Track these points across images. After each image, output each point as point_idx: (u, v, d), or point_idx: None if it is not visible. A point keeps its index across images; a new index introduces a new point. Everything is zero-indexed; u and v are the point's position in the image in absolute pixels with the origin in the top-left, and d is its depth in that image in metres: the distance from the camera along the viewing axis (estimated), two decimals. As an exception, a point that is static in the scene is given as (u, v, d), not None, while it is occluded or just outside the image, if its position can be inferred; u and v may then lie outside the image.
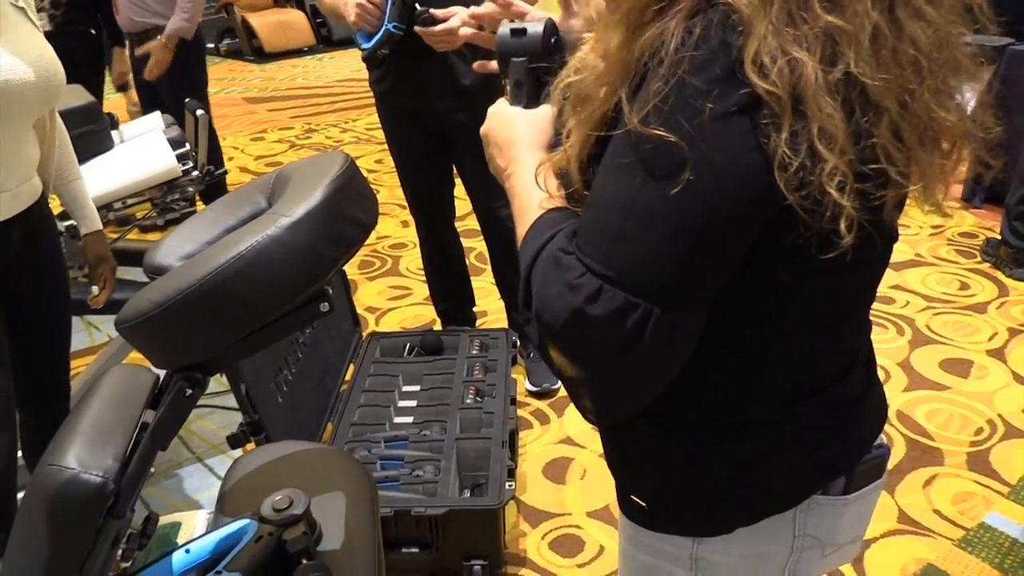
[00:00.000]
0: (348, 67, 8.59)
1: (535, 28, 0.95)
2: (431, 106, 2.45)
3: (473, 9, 1.24)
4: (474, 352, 2.59)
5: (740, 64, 0.65)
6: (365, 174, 4.68)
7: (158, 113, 2.53)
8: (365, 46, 2.35)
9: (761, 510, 0.87)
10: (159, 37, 3.53)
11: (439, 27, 2.12)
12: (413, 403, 2.43)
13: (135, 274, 1.75)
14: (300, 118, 6.66)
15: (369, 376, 2.51)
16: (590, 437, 2.50)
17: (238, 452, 2.56)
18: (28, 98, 1.51)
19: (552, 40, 0.98)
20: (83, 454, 0.97)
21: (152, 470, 2.49)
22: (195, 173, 2.21)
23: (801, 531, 0.89)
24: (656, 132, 0.67)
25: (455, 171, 2.67)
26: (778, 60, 0.64)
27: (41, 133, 1.66)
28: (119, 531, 1.03)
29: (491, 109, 0.97)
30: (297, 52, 9.44)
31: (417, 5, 2.17)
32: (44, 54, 1.57)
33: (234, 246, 0.86)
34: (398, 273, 3.71)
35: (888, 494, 2.19)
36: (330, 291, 0.97)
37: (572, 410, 2.65)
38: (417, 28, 2.15)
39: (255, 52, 9.39)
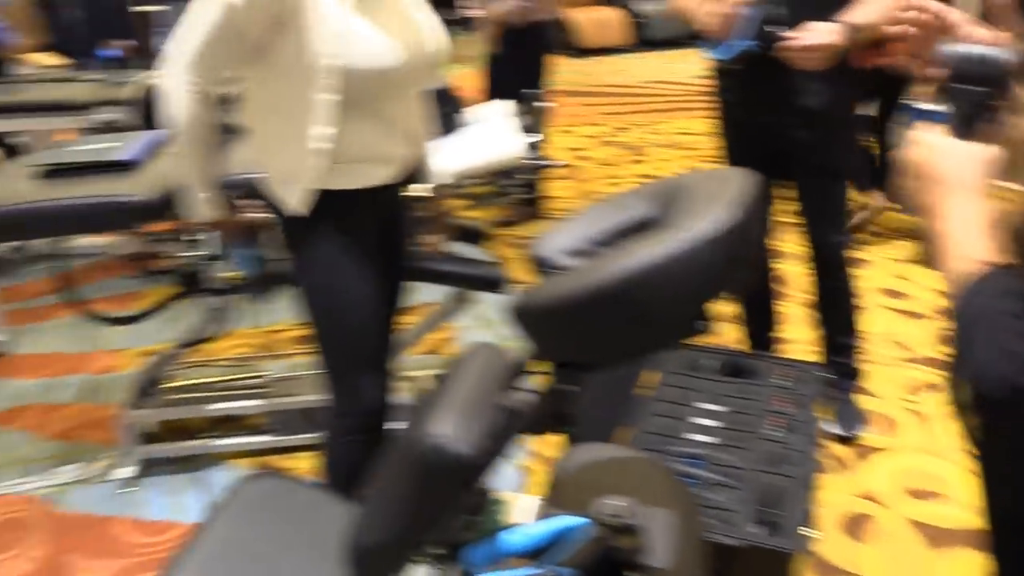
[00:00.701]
0: (662, 69, 8.58)
1: (1001, 54, 0.85)
2: (774, 123, 2.37)
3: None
4: (781, 382, 2.46)
5: None
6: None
7: (505, 102, 2.66)
8: (716, 56, 2.32)
9: None
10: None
11: (800, 43, 2.07)
12: (711, 423, 2.36)
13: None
14: (611, 115, 6.76)
15: (666, 386, 2.48)
16: (895, 497, 2.29)
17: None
18: (407, 77, 1.63)
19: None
20: (455, 425, 1.02)
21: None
22: (538, 162, 2.29)
23: None
24: None
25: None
26: None
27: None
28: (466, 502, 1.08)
29: (925, 138, 0.88)
30: (614, 49, 9.59)
31: (771, 26, 2.13)
32: (423, 26, 1.67)
33: (640, 254, 0.86)
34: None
35: None
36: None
37: (877, 462, 2.44)
38: (779, 45, 2.11)
39: (573, 47, 9.67)
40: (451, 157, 2.15)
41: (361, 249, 1.72)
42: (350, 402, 1.81)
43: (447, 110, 2.30)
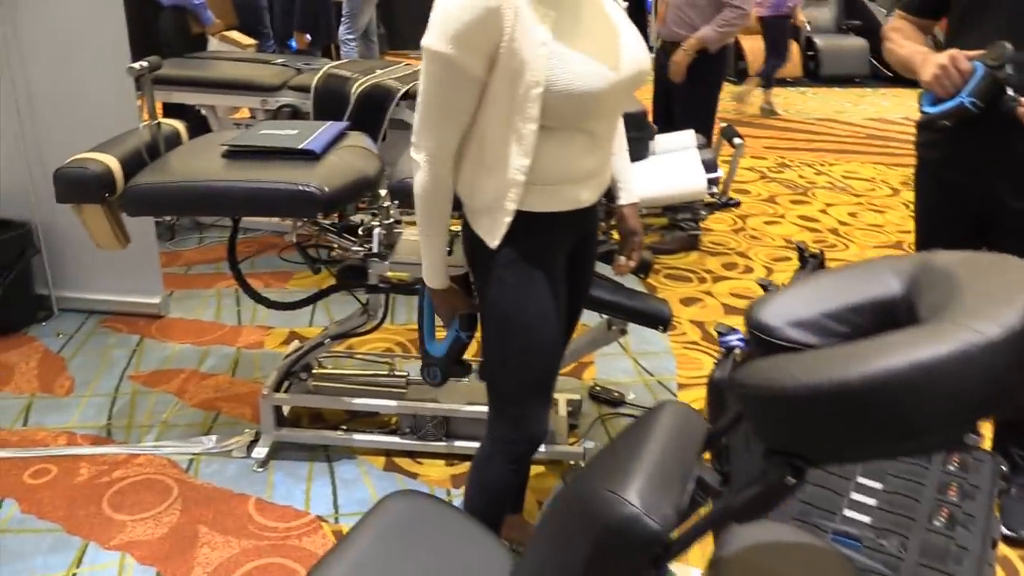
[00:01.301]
0: (830, 106, 8.21)
1: None
2: (981, 185, 2.16)
3: None
4: (950, 468, 2.24)
5: None
6: (835, 226, 4.38)
7: (691, 132, 2.54)
8: (929, 109, 2.14)
9: None
10: (683, 43, 3.62)
11: None
12: (871, 501, 2.17)
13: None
14: (774, 150, 6.50)
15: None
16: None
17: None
18: (613, 99, 1.55)
19: None
20: (646, 495, 0.92)
21: (582, 463, 2.57)
22: (720, 201, 2.17)
23: None
24: None
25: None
26: None
27: None
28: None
29: None
30: (780, 81, 9.25)
31: (1010, 90, 1.93)
32: (628, 45, 1.57)
33: (909, 351, 0.73)
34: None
35: None
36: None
37: (1056, 578, 2.19)
38: (1013, 108, 1.91)
39: (738, 74, 9.40)
40: (636, 184, 2.06)
41: (555, 272, 1.66)
42: (520, 429, 1.75)
43: (639, 135, 2.20)
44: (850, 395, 0.75)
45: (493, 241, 1.59)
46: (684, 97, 3.89)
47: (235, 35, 4.86)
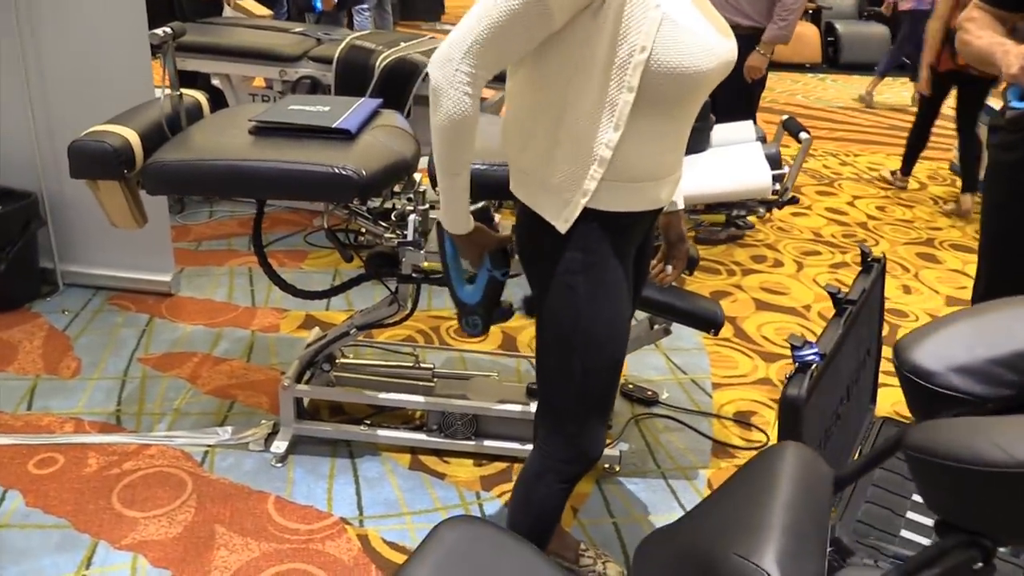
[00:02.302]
0: (850, 94, 8.04)
1: None
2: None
3: None
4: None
5: None
6: (863, 219, 4.23)
7: (751, 123, 2.39)
8: (1018, 104, 1.99)
9: None
10: (757, 48, 3.52)
11: None
12: (928, 521, 2.05)
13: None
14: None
15: (881, 469, 2.17)
16: None
17: (702, 477, 2.40)
18: (708, 84, 1.38)
19: None
20: (785, 562, 0.79)
21: (618, 468, 2.44)
22: (783, 200, 2.03)
23: None
24: None
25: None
26: None
27: None
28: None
29: None
30: (799, 66, 9.08)
31: None
32: (723, 26, 1.41)
33: None
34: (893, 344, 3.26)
35: None
36: None
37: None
38: None
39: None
40: (694, 178, 1.91)
41: (623, 278, 1.50)
42: (577, 447, 1.59)
43: (701, 125, 2.05)
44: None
45: (564, 224, 1.41)
46: (730, 86, 3.76)
47: (249, 3, 4.67)
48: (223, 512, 2.16)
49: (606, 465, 2.41)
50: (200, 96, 2.38)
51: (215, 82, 3.91)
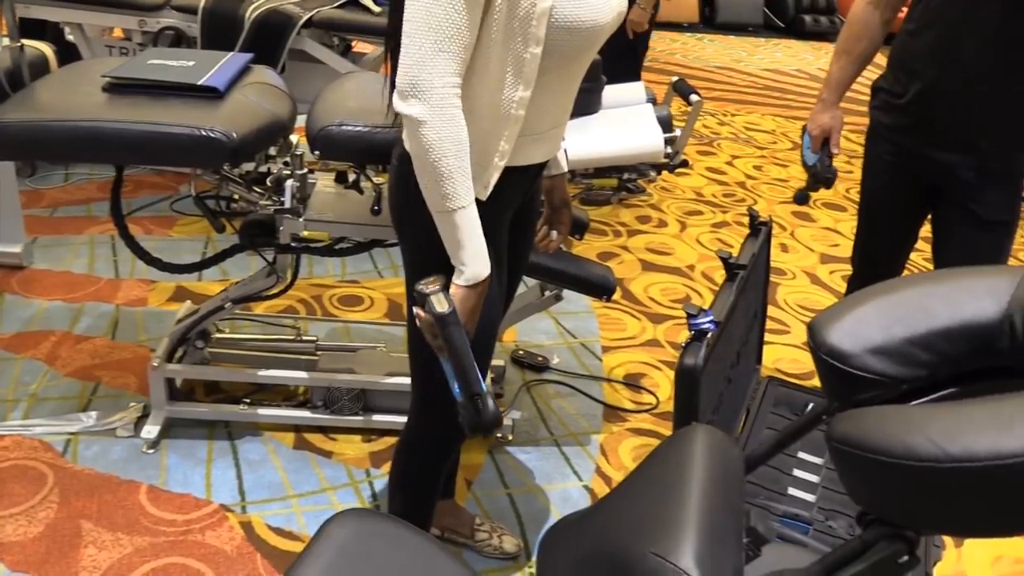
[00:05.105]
0: (728, 55, 8.20)
1: None
2: (937, 152, 2.08)
3: None
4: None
5: None
6: (742, 179, 4.34)
7: (641, 84, 2.35)
8: (809, 158, 2.06)
9: None
10: (636, 1, 3.48)
11: None
12: (814, 478, 2.11)
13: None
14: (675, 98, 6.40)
15: (765, 428, 2.21)
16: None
17: (595, 443, 2.39)
18: (606, 33, 1.33)
19: None
20: (704, 558, 0.75)
21: (510, 436, 2.40)
22: (673, 163, 2.00)
23: None
24: None
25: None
26: None
27: None
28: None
29: None
30: (677, 26, 9.19)
31: None
32: None
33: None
34: (774, 302, 3.36)
35: None
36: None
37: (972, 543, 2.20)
38: None
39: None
40: (585, 141, 1.86)
41: (502, 239, 1.44)
42: (450, 419, 1.52)
43: (593, 85, 1.99)
44: (1014, 470, 0.59)
45: (484, 191, 1.33)
46: (615, 44, 3.71)
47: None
48: (89, 506, 1.99)
49: (499, 435, 2.36)
50: (46, 48, 2.14)
51: (69, 36, 3.57)
